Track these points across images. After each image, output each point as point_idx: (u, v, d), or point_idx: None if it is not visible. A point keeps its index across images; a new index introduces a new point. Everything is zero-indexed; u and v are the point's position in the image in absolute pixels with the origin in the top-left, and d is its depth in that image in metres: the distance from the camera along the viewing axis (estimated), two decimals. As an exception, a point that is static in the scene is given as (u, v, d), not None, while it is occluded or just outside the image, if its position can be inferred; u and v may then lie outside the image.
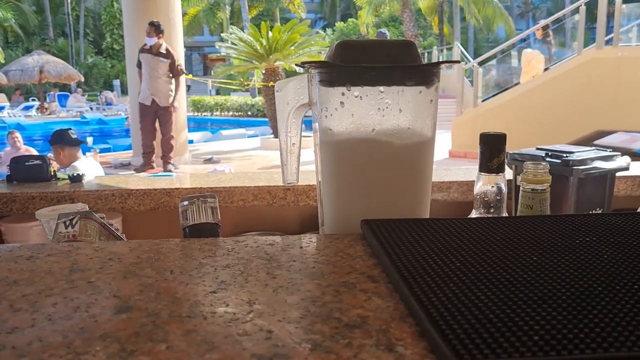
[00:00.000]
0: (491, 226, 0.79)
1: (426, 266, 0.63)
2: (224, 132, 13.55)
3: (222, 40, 13.92)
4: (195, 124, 16.05)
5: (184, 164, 8.51)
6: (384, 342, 0.48)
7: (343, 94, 0.82)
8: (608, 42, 8.41)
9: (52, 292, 0.60)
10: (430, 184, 0.90)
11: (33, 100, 20.17)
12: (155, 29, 7.35)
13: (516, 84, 9.64)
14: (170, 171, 7.36)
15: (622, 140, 9.11)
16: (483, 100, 9.86)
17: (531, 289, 0.56)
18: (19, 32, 27.85)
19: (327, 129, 0.85)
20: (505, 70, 10.71)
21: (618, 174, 1.73)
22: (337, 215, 0.89)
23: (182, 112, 8.62)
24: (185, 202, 0.88)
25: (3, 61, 22.22)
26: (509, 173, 1.49)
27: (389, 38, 8.58)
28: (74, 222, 0.86)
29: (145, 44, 7.44)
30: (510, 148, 1.41)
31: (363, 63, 0.83)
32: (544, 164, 0.93)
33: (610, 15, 8.79)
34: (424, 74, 0.83)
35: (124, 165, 8.57)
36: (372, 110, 0.83)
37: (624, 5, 8.59)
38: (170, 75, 7.44)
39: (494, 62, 10.79)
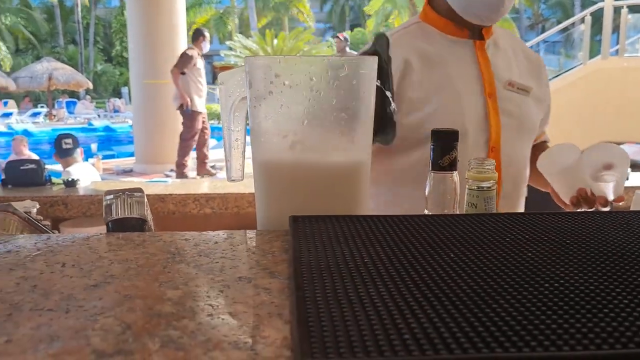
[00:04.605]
0: (420, 224, 0.74)
1: (332, 262, 0.58)
2: (229, 140, 13.49)
3: (230, 48, 13.98)
4: (200, 132, 16.02)
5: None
6: (245, 340, 0.43)
7: (271, 82, 0.78)
8: (615, 54, 8.33)
9: None
10: (367, 181, 0.86)
11: (42, 107, 20.31)
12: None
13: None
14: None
15: (629, 152, 8.99)
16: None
17: (430, 286, 0.51)
18: (30, 38, 28.13)
19: (256, 120, 0.81)
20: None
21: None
22: (268, 212, 0.84)
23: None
24: (110, 196, 0.84)
25: (9, 69, 22.42)
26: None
27: (349, 43, 8.31)
28: (-8, 215, 0.82)
29: (198, 51, 6.81)
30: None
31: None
32: (490, 160, 0.88)
33: (616, 26, 8.70)
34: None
35: (126, 172, 8.57)
36: (302, 100, 0.78)
37: (629, 16, 8.52)
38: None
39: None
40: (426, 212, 0.92)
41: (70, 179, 3.43)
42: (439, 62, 1.26)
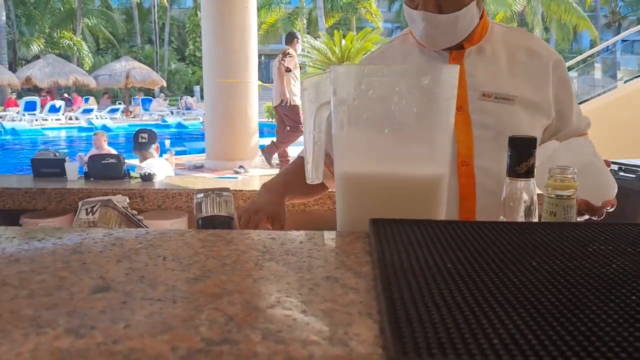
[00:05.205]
0: (500, 230, 0.75)
1: (415, 265, 0.61)
2: (296, 139, 13.66)
3: (297, 48, 14.11)
4: (269, 130, 16.31)
5: (254, 168, 8.67)
6: (339, 336, 0.46)
7: (355, 90, 0.81)
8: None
9: (46, 271, 0.62)
10: (445, 191, 0.87)
11: (119, 103, 21.26)
12: None
13: (594, 96, 9.16)
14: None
15: None
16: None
17: (514, 293, 0.52)
18: (109, 38, 29.48)
19: (339, 127, 0.84)
20: (584, 81, 10.21)
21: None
22: (348, 214, 0.87)
23: (254, 117, 8.81)
24: (200, 195, 0.89)
25: (89, 68, 23.56)
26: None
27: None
28: (94, 209, 0.89)
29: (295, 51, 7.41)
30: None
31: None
32: (572, 169, 0.88)
33: None
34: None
35: (197, 168, 8.84)
36: (385, 108, 0.81)
37: None
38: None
39: (575, 73, 10.31)
40: (502, 218, 0.92)
41: (146, 173, 3.60)
42: None
